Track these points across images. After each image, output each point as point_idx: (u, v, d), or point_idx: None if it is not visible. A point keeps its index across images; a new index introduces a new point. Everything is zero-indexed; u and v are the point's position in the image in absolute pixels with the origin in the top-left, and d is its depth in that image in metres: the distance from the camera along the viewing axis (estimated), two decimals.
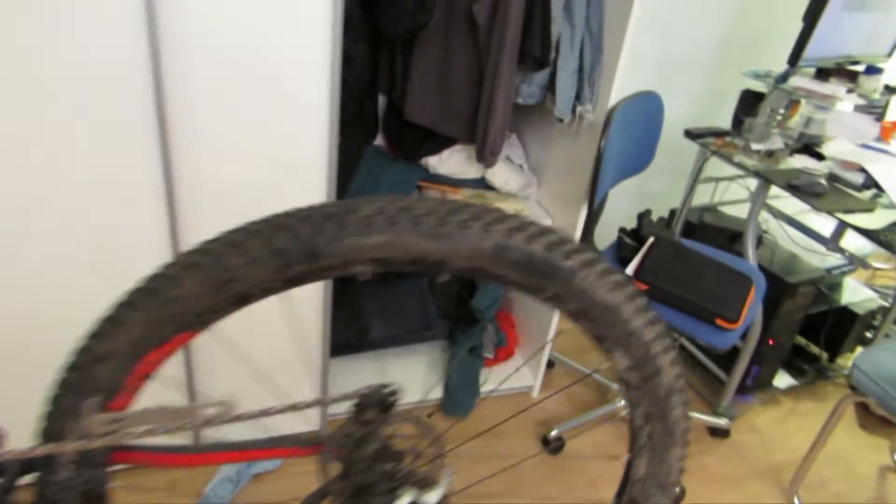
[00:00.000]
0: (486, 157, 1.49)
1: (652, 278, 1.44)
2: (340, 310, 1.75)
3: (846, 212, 1.57)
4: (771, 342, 1.90)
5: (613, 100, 1.48)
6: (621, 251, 1.59)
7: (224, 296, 0.54)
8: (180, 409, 0.56)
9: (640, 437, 0.72)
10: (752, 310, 1.48)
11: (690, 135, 1.95)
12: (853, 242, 2.14)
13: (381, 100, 1.78)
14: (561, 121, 1.53)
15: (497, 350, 1.91)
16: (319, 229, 0.52)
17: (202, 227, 1.26)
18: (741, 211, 2.00)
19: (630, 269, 1.48)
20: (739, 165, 1.77)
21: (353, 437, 0.62)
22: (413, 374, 1.84)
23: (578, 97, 1.54)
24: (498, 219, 0.56)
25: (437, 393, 1.82)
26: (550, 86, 1.53)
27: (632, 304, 0.61)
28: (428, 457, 0.73)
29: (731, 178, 2.11)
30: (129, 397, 0.59)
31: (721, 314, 1.37)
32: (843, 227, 2.13)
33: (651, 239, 1.57)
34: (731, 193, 2.19)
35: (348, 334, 1.76)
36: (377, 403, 0.60)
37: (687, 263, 1.50)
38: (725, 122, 2.04)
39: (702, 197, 2.21)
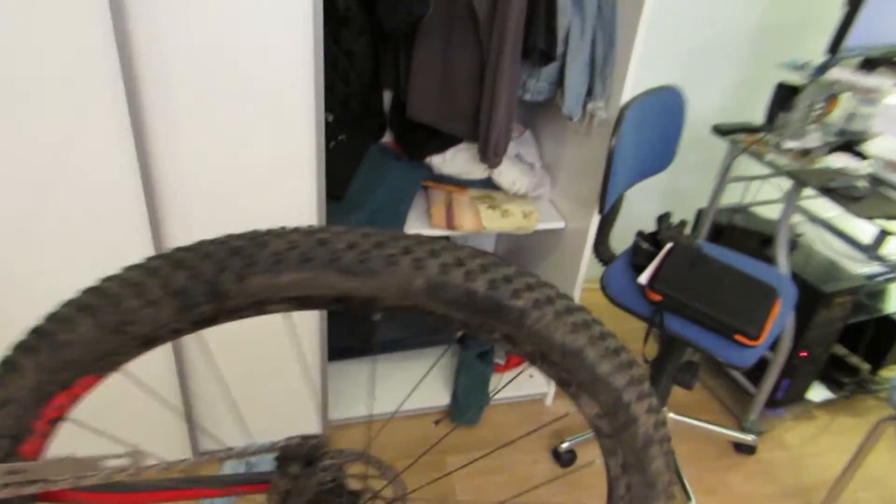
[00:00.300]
0: (489, 157, 1.41)
1: (666, 288, 1.34)
2: (345, 315, 1.70)
3: (888, 218, 1.43)
4: (804, 354, 1.77)
5: (627, 96, 1.38)
6: (636, 257, 1.48)
7: (123, 339, 0.48)
8: (86, 460, 0.52)
9: (618, 488, 0.65)
10: (778, 324, 1.36)
11: (720, 131, 1.82)
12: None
13: (388, 96, 1.72)
14: (570, 119, 1.43)
15: (509, 355, 1.83)
16: (223, 267, 0.46)
17: (190, 231, 1.22)
18: (775, 212, 1.86)
19: (643, 278, 1.38)
20: (771, 165, 1.64)
21: (282, 490, 0.56)
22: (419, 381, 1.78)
23: (590, 93, 1.44)
24: (432, 252, 0.49)
25: (446, 399, 1.76)
26: (560, 81, 1.44)
27: (598, 347, 0.53)
28: (386, 498, 0.67)
29: (762, 178, 1.97)
30: (41, 442, 0.55)
31: (741, 329, 1.27)
32: (884, 234, 1.97)
33: (669, 244, 1.46)
34: (764, 193, 2.05)
35: (354, 338, 1.71)
36: (302, 456, 0.53)
37: (706, 272, 1.39)
38: (760, 117, 1.90)
39: (733, 196, 2.07)
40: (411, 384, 1.76)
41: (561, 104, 1.44)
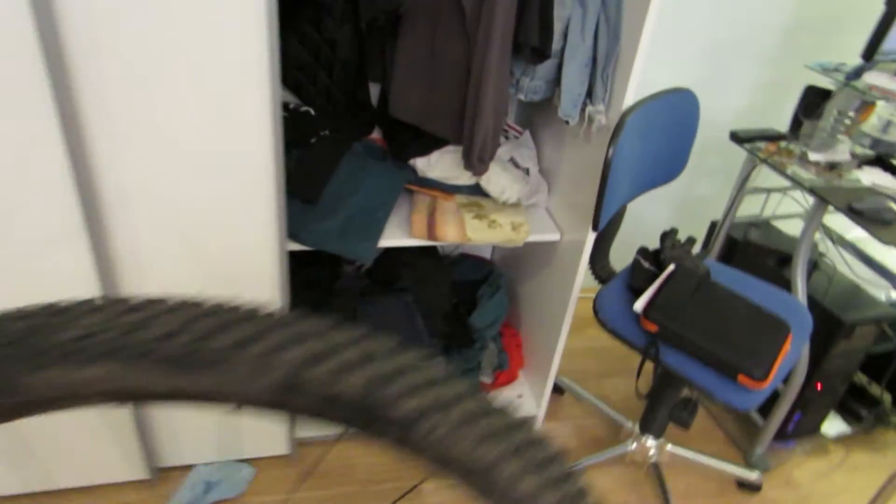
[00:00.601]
0: (473, 163, 1.28)
1: (664, 318, 1.20)
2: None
3: None
4: (819, 387, 1.62)
5: (631, 100, 1.24)
6: (635, 278, 1.35)
7: None
8: None
9: None
10: (788, 362, 1.22)
11: (738, 138, 1.66)
12: None
13: (377, 90, 1.59)
14: (567, 123, 1.29)
15: (497, 373, 1.71)
16: (3, 356, 0.35)
17: (137, 240, 1.11)
18: (797, 227, 1.70)
19: (639, 304, 1.24)
20: (792, 178, 1.48)
21: None
22: None
23: (590, 95, 1.30)
24: (293, 339, 0.37)
25: None
26: (558, 80, 1.30)
27: (518, 462, 0.41)
28: None
29: (782, 190, 1.80)
30: None
31: (745, 370, 1.13)
32: None
33: (672, 266, 1.32)
34: (785, 205, 1.88)
35: None
36: None
37: (711, 301, 1.24)
38: (786, 122, 1.73)
39: (752, 207, 1.91)
40: None
41: (558, 105, 1.30)
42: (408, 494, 1.50)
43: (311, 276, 1.56)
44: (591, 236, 1.39)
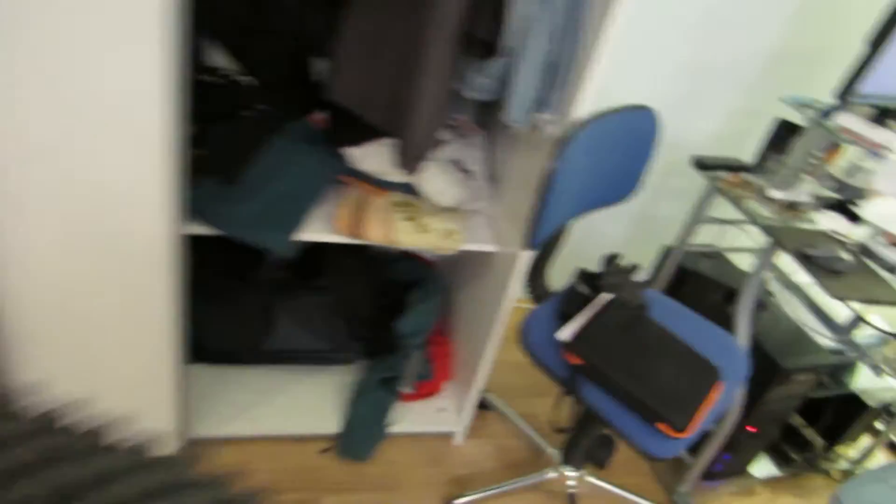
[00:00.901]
0: (406, 161, 1.17)
1: (587, 351, 1.11)
2: (230, 313, 1.47)
3: (868, 301, 1.21)
4: (752, 429, 1.56)
5: (586, 111, 1.14)
6: (568, 303, 1.25)
7: None
8: None
9: None
10: (714, 411, 1.14)
11: (701, 164, 1.57)
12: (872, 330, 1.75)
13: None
14: (512, 127, 1.19)
15: (418, 384, 1.61)
16: None
17: (12, 226, 0.98)
18: (750, 262, 1.63)
19: (565, 333, 1.15)
20: (748, 213, 1.41)
21: None
22: (311, 401, 1.55)
23: (545, 101, 1.19)
24: None
25: (337, 425, 1.53)
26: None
27: None
28: None
29: (737, 223, 1.72)
30: None
31: (664, 418, 1.05)
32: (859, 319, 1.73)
33: (607, 295, 1.23)
34: (743, 238, 1.81)
35: (236, 343, 1.48)
36: None
37: (643, 339, 1.16)
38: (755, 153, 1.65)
39: (709, 235, 1.84)
40: (300, 403, 1.53)
41: (505, 108, 1.19)
42: None
43: (228, 262, 1.43)
44: (527, 253, 1.30)
